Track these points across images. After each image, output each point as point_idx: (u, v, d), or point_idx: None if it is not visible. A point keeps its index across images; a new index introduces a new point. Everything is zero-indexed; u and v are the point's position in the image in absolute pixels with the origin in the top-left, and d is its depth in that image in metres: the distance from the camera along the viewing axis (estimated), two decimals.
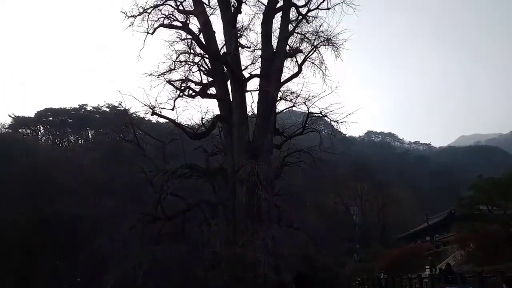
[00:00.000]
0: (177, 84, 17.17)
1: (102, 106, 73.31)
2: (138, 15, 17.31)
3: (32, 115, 71.59)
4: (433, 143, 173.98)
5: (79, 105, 75.77)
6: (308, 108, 17.20)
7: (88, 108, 75.34)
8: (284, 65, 18.06)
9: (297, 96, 17.51)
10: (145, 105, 15.92)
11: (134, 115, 22.89)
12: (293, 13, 18.34)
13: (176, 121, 16.99)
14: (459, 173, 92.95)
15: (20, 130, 68.08)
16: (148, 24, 17.37)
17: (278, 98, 17.74)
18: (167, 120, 17.26)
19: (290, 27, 18.30)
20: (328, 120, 17.29)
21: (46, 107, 74.31)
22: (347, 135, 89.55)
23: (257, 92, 17.44)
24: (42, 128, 73.77)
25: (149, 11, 17.36)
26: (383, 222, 66.15)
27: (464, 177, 71.28)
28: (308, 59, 18.29)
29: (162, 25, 17.64)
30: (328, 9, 17.87)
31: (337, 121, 16.99)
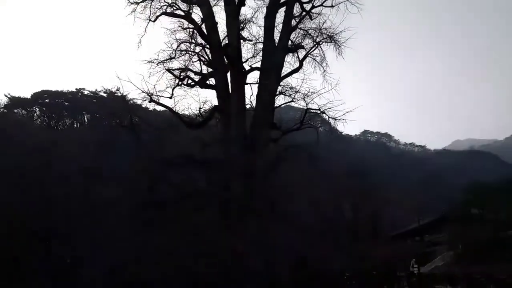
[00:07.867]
0: (177, 73, 17.17)
1: (99, 91, 72.56)
2: (141, 2, 17.18)
3: (29, 96, 71.03)
4: (428, 145, 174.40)
5: (76, 89, 75.20)
6: (306, 104, 17.29)
7: (86, 92, 74.78)
8: (285, 59, 18.01)
9: (297, 92, 17.56)
10: (143, 91, 15.98)
11: (132, 102, 22.83)
12: (297, 9, 18.22)
13: (174, 109, 17.03)
14: (453, 177, 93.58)
15: (15, 111, 67.55)
16: (150, 11, 17.25)
17: (277, 93, 17.71)
18: (164, 108, 17.31)
19: (293, 22, 18.20)
20: (326, 117, 17.33)
21: (42, 88, 73.75)
22: (343, 133, 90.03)
23: (257, 85, 17.44)
24: (38, 109, 73.20)
25: None
26: (375, 221, 66.53)
27: (458, 180, 71.84)
28: (309, 55, 18.21)
29: (165, 13, 17.50)
30: (332, 6, 17.73)
31: (335, 118, 16.99)
